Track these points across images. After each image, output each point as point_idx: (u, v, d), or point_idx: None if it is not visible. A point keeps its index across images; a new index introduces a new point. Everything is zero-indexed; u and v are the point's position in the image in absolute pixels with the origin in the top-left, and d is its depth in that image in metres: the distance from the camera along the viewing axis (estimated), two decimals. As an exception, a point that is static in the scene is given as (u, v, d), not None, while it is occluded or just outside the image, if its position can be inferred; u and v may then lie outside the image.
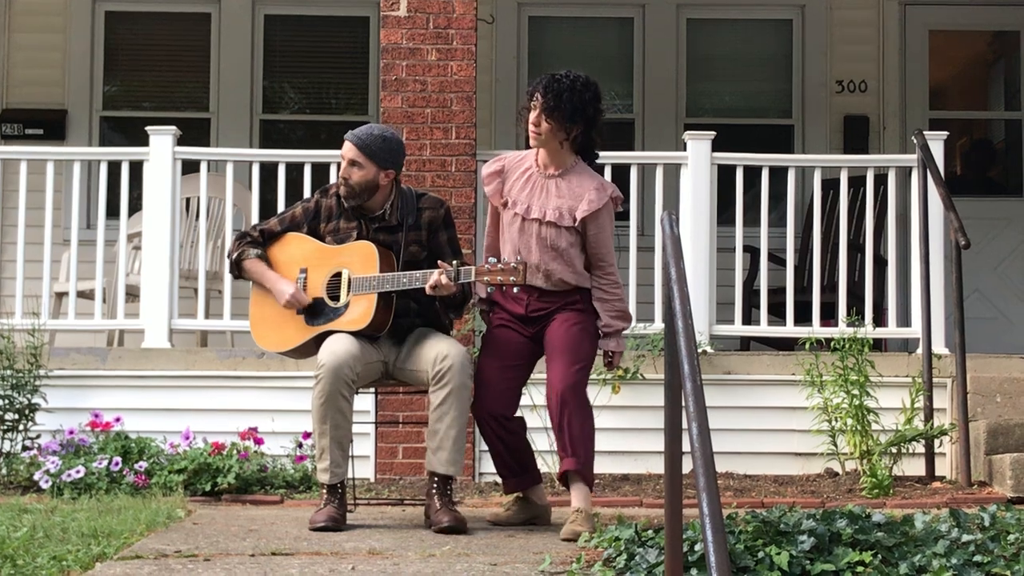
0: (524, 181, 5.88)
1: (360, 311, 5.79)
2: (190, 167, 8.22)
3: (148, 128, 8.08)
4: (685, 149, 8.07)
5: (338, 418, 5.69)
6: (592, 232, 5.81)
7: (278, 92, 10.65)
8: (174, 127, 8.09)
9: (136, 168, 8.05)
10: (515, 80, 10.34)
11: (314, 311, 5.91)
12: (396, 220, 5.94)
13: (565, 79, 5.80)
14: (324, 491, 5.77)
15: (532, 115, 5.83)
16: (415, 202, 6.02)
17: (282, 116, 10.65)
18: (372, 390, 6.52)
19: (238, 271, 6.09)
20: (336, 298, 5.87)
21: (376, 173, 5.88)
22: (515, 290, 5.63)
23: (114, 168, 8.08)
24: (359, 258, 5.85)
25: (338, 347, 5.70)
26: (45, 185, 8.00)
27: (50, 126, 10.20)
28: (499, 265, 5.66)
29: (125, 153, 8.21)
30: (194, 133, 9.40)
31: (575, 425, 5.67)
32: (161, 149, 7.96)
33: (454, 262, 5.73)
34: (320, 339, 5.83)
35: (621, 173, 8.11)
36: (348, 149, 5.93)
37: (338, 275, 5.88)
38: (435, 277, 5.66)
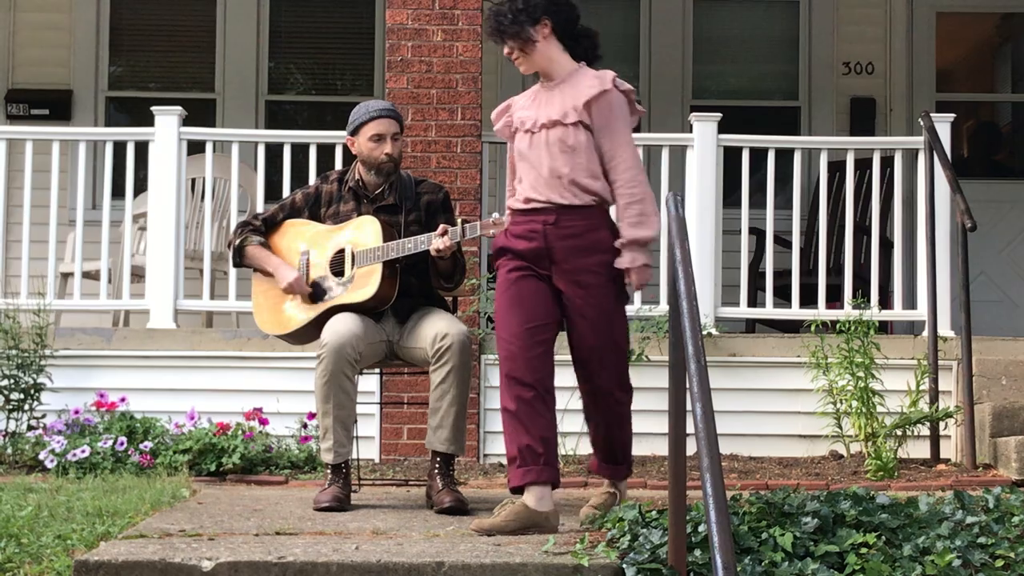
0: (529, 103, 5.59)
1: (366, 282, 5.81)
2: (195, 148, 8.22)
3: (153, 108, 8.07)
4: (691, 131, 8.06)
5: (341, 397, 5.69)
6: (599, 124, 5.36)
7: (284, 73, 10.64)
8: (179, 108, 8.08)
9: (141, 148, 8.05)
10: (521, 61, 10.31)
11: (318, 290, 5.93)
12: (394, 200, 5.97)
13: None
14: (328, 471, 5.78)
15: (504, 52, 5.59)
16: (413, 187, 6.07)
17: (288, 97, 10.64)
18: (377, 371, 6.52)
19: (240, 258, 6.11)
20: (340, 274, 5.89)
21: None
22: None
23: (119, 148, 8.07)
24: (362, 233, 5.88)
25: (340, 326, 5.71)
26: (51, 165, 7.99)
27: (55, 106, 10.20)
28: (491, 220, 5.66)
29: (130, 133, 8.20)
30: (199, 114, 9.39)
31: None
32: (166, 129, 7.95)
33: (459, 219, 5.77)
34: (323, 323, 5.84)
35: (627, 155, 8.11)
36: (391, 125, 5.98)
37: (341, 251, 5.90)
38: (437, 241, 5.67)
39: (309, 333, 5.98)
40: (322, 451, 5.80)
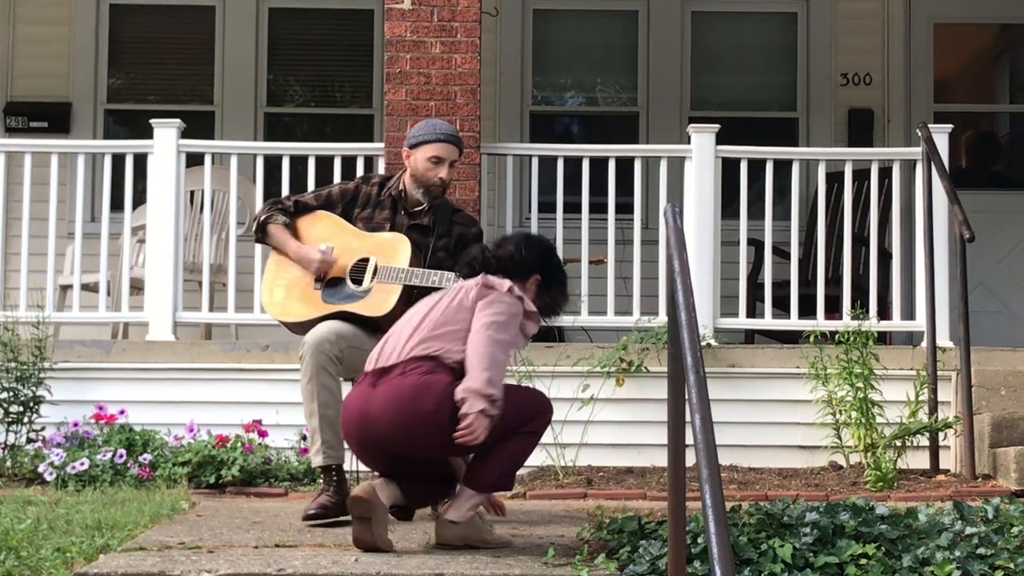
0: None
1: (381, 299, 5.79)
2: (194, 160, 8.23)
3: (152, 121, 8.08)
4: (689, 142, 8.07)
5: (324, 395, 5.62)
6: None
7: (282, 85, 10.65)
8: (178, 120, 8.09)
9: (140, 161, 8.05)
10: (519, 73, 10.34)
11: (333, 290, 5.91)
12: (429, 221, 5.97)
13: None
14: (321, 478, 5.74)
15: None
16: (450, 214, 6.07)
17: (286, 109, 10.65)
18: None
19: (262, 234, 6.04)
20: (358, 282, 5.88)
21: None
22: None
23: (118, 161, 8.08)
24: (390, 249, 5.86)
25: (320, 328, 5.70)
26: (49, 178, 8.00)
27: (54, 119, 10.21)
28: None
29: (129, 146, 8.21)
30: (198, 126, 9.39)
31: None
32: (165, 142, 7.96)
33: None
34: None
35: (625, 166, 8.12)
36: (453, 151, 6.03)
37: (365, 260, 5.89)
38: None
39: (309, 327, 5.95)
40: (312, 454, 5.73)
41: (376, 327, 5.81)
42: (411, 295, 5.79)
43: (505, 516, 5.48)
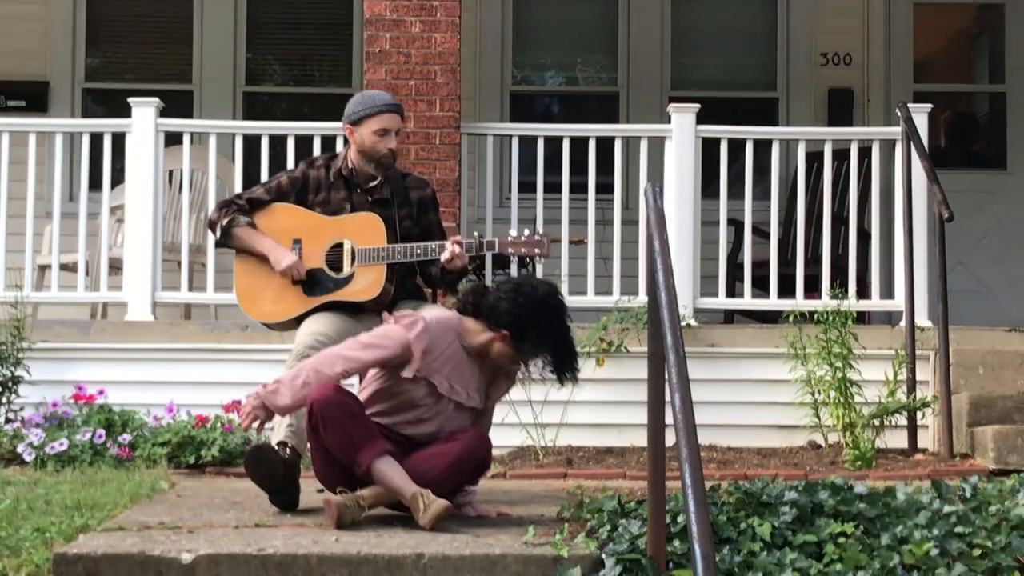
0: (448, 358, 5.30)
1: (368, 281, 5.76)
2: (173, 139, 8.19)
3: (131, 100, 8.05)
4: (669, 122, 8.07)
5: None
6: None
7: (261, 64, 10.61)
8: (156, 99, 8.05)
9: (119, 140, 8.02)
10: (499, 53, 10.32)
11: (313, 282, 5.87)
12: (388, 194, 5.93)
13: None
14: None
15: None
16: (401, 180, 6.02)
17: (265, 88, 10.61)
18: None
19: (226, 238, 5.95)
20: (337, 269, 5.85)
21: None
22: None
23: (96, 140, 8.04)
24: (362, 230, 5.81)
25: (304, 336, 5.66)
26: (27, 157, 7.96)
27: (32, 98, 10.16)
28: (522, 238, 5.69)
29: (107, 125, 8.17)
30: (177, 105, 9.35)
31: None
32: (143, 121, 7.93)
33: (475, 233, 5.77)
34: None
35: (606, 146, 8.12)
36: (397, 120, 5.94)
37: (339, 246, 5.85)
38: (451, 249, 5.66)
39: (297, 324, 5.93)
40: (273, 432, 5.55)
41: (359, 309, 5.80)
42: (394, 271, 5.78)
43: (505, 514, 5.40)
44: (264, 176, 7.82)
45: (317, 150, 7.82)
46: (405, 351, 5.15)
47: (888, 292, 8.25)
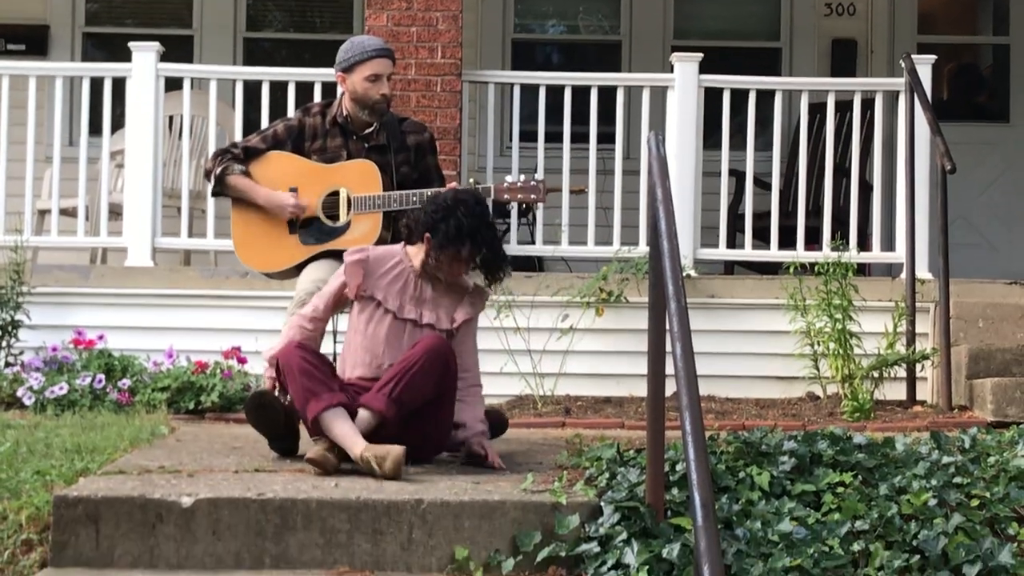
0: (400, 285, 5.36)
1: (366, 229, 5.75)
2: (173, 84, 8.15)
3: (131, 44, 8.00)
4: (672, 71, 8.03)
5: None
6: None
7: (261, 10, 10.55)
8: (157, 43, 8.01)
9: (119, 85, 7.98)
10: (501, 0, 10.26)
11: (309, 230, 5.86)
12: (384, 140, 5.90)
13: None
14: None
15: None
16: (397, 125, 5.99)
17: (266, 34, 10.56)
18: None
19: (221, 187, 5.96)
20: (334, 217, 5.83)
21: None
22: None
23: (97, 85, 8.00)
24: (358, 177, 5.79)
25: (304, 283, 5.69)
26: (27, 101, 7.92)
27: (32, 42, 10.11)
28: (518, 183, 5.68)
29: (108, 69, 8.12)
30: (177, 51, 9.30)
31: None
32: (144, 65, 7.89)
33: (470, 180, 5.74)
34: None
35: (607, 95, 8.08)
36: (388, 65, 5.92)
37: (335, 194, 5.83)
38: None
39: (295, 273, 5.93)
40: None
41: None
42: (391, 218, 5.77)
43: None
44: (264, 123, 7.80)
45: (318, 97, 7.78)
46: (351, 276, 5.28)
47: (889, 244, 8.24)
